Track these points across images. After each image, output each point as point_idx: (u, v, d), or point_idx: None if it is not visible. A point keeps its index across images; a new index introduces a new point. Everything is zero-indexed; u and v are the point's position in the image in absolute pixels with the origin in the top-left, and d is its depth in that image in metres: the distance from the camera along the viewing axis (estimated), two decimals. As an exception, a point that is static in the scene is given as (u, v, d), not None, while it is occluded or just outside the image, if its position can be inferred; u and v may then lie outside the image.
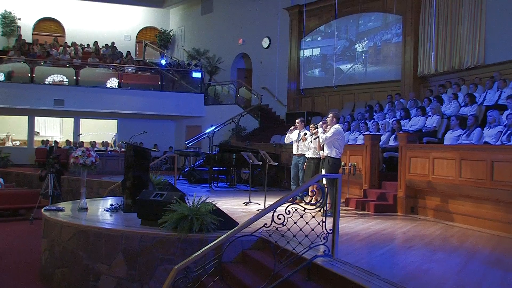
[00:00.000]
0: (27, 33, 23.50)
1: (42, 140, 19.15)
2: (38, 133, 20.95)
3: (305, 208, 4.99)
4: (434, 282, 4.41)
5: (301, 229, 5.04)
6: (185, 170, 15.41)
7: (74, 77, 18.65)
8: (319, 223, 5.04)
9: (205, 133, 17.21)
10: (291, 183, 10.28)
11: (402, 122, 11.35)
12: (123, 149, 18.12)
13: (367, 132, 11.31)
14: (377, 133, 11.15)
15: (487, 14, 12.17)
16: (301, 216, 5.00)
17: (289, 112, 18.56)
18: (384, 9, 15.75)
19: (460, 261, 5.27)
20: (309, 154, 9.38)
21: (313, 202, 9.63)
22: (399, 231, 7.08)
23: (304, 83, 18.80)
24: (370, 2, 16.26)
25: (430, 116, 10.83)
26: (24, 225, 11.64)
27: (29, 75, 18.40)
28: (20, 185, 15.38)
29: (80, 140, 18.75)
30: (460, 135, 8.64)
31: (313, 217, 5.04)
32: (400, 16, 15.16)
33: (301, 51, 18.96)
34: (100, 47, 22.17)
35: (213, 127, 17.40)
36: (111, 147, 19.50)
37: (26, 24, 23.71)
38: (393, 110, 12.45)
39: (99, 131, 20.71)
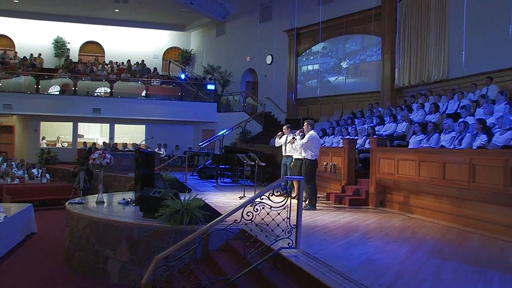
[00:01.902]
0: (74, 54, 23.68)
1: (84, 142, 19.25)
2: (83, 136, 21.04)
3: (271, 206, 4.79)
4: (377, 272, 4.19)
5: (267, 224, 4.90)
6: (199, 167, 15.30)
7: (109, 89, 18.74)
8: (284, 220, 4.88)
9: (216, 136, 17.11)
10: (281, 179, 10.10)
11: (377, 127, 11.09)
12: (149, 149, 18.13)
13: (348, 137, 11.07)
14: (356, 137, 10.89)
15: (450, 36, 11.83)
16: (268, 213, 4.83)
17: (288, 118, 18.33)
18: (366, 31, 15.48)
19: (407, 251, 5.05)
20: (295, 155, 9.19)
21: (295, 196, 9.53)
22: (364, 223, 6.85)
23: (301, 93, 18.61)
24: (355, 26, 16.03)
25: (400, 122, 10.55)
26: (62, 213, 11.62)
27: (73, 88, 18.56)
28: (63, 179, 15.46)
29: (114, 142, 18.86)
30: (421, 139, 8.36)
31: (279, 214, 4.86)
32: (379, 38, 14.86)
33: (298, 67, 18.75)
34: (132, 64, 22.17)
35: (224, 131, 17.30)
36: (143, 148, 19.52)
37: (74, 47, 23.90)
38: (371, 117, 12.18)
39: (131, 133, 20.71)
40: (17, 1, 20.94)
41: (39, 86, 18.45)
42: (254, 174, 12.59)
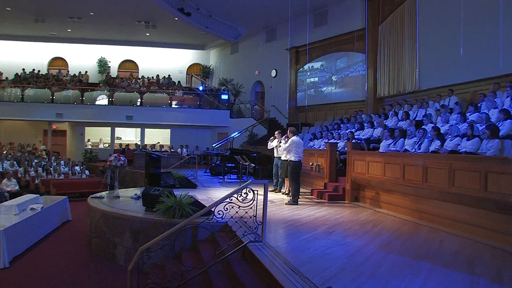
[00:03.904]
0: (114, 70, 24.00)
1: (120, 144, 19.49)
2: (121, 138, 21.32)
3: (239, 206, 4.67)
4: (324, 265, 4.00)
5: (235, 221, 4.79)
6: (212, 165, 15.28)
7: (140, 100, 18.90)
8: (251, 217, 4.76)
9: (227, 138, 17.05)
10: (273, 178, 9.97)
11: (358, 132, 10.81)
12: (172, 150, 18.23)
13: (332, 140, 10.84)
14: (338, 141, 10.66)
15: (420, 53, 11.49)
16: (237, 212, 4.72)
17: (289, 123, 18.11)
18: (353, 49, 15.14)
19: (360, 244, 4.84)
20: (282, 157, 9.05)
21: (287, 192, 9.36)
22: (334, 218, 6.63)
23: (302, 101, 18.39)
24: (344, 45, 15.74)
25: (376, 128, 10.28)
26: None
27: (109, 99, 18.81)
28: (99, 175, 15.65)
29: (145, 143, 19.01)
30: (390, 143, 8.11)
31: (246, 212, 4.74)
32: (364, 54, 14.52)
33: (301, 79, 18.52)
34: (161, 78, 22.31)
35: (235, 134, 17.26)
36: (167, 148, 19.64)
37: (114, 65, 24.17)
38: (354, 123, 11.89)
39: (160, 135, 20.84)
40: (69, 30, 21.39)
41: (84, 98, 18.78)
42: (247, 171, 12.61)
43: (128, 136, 21.80)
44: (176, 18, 17.73)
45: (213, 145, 17.40)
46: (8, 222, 7.03)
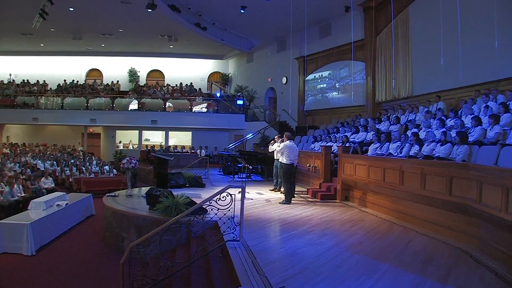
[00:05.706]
0: (143, 79, 24.54)
1: (146, 145, 19.93)
2: (149, 139, 21.81)
3: (218, 208, 4.72)
4: (288, 265, 3.94)
5: (219, 218, 4.83)
6: (226, 165, 15.40)
7: (163, 105, 19.26)
8: (229, 219, 4.80)
9: (240, 140, 17.11)
10: (273, 177, 9.97)
11: (353, 135, 10.63)
12: (193, 151, 18.47)
13: (330, 143, 10.71)
14: (334, 144, 10.50)
15: (412, 62, 11.17)
16: (216, 214, 4.77)
17: (298, 126, 18.03)
18: (353, 59, 14.82)
19: (332, 244, 4.75)
20: (279, 159, 9.02)
21: (282, 191, 9.32)
22: (318, 217, 6.54)
23: (310, 106, 18.23)
24: (345, 54, 15.43)
25: (369, 131, 10.07)
26: (118, 200, 12.13)
27: (138, 106, 19.28)
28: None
29: (168, 145, 19.35)
30: (377, 147, 7.94)
31: (224, 214, 4.78)
32: (363, 63, 14.22)
33: (306, 86, 18.34)
34: (184, 85, 22.65)
35: (249, 135, 17.30)
36: (188, 149, 19.92)
37: (142, 74, 24.62)
38: (350, 127, 11.69)
39: (184, 137, 21.17)
40: (103, 45, 22.11)
41: (114, 105, 19.35)
42: (262, 171, 12.65)
43: (156, 138, 22.24)
44: (194, 32, 17.97)
45: (227, 147, 17.51)
46: (36, 216, 7.41)
